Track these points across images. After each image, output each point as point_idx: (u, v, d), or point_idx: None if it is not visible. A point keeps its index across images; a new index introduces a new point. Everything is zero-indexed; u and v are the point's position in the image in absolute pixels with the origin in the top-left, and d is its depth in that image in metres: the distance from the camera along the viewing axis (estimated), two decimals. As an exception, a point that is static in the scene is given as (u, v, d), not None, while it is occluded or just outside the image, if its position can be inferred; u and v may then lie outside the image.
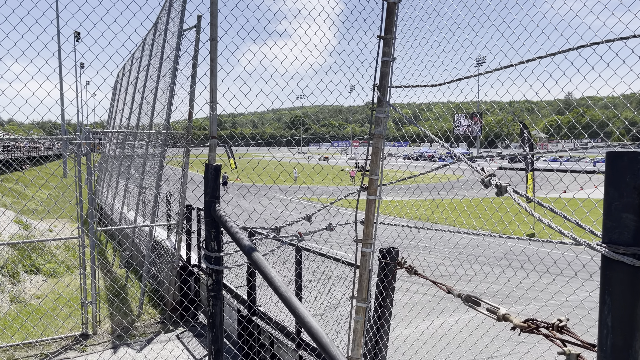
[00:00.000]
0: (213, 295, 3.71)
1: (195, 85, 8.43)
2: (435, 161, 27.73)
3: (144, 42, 15.43)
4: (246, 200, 6.61)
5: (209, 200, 3.66)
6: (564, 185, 3.77)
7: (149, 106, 11.49)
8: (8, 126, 54.88)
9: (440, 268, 4.91)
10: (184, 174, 8.70)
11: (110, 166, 21.14)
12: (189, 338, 8.41)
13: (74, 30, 23.05)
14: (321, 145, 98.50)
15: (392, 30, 3.96)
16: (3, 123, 61.72)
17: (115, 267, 12.98)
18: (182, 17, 8.61)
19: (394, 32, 3.97)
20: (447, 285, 3.20)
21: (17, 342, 7.93)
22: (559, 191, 3.63)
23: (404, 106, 4.53)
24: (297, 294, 5.72)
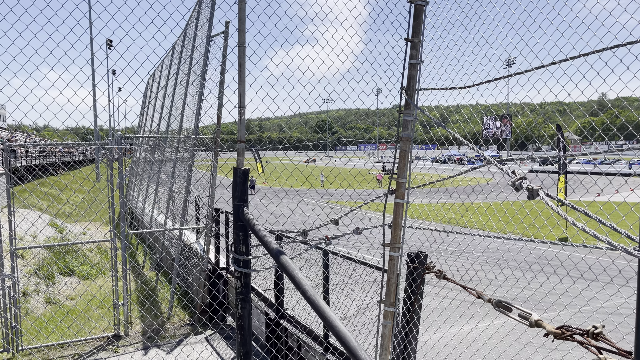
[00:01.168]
0: (241, 298, 3.74)
1: (223, 91, 8.54)
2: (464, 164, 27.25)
3: (174, 48, 15.72)
4: (274, 204, 6.65)
5: (237, 204, 3.70)
6: (599, 188, 3.67)
7: (179, 111, 11.69)
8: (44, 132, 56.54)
9: (470, 273, 4.84)
10: (213, 177, 8.81)
11: (141, 170, 21.57)
12: (217, 340, 8.49)
13: (107, 39, 23.58)
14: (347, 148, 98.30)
15: (420, 32, 3.94)
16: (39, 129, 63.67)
17: (146, 270, 13.23)
18: (210, 24, 8.74)
19: (422, 34, 3.94)
20: (477, 290, 3.15)
21: (51, 342, 8.15)
22: (593, 194, 3.53)
23: (432, 109, 4.49)
24: (324, 298, 5.72)
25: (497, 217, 3.76)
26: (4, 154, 8.14)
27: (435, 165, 4.59)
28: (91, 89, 38.07)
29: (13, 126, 58.97)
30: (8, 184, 7.95)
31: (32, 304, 9.70)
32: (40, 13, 4.72)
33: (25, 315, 9.04)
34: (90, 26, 31.30)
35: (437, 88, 4.28)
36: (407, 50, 3.98)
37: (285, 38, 5.08)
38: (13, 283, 7.86)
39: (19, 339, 7.92)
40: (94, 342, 8.40)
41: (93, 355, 7.91)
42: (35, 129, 57.99)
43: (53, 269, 11.12)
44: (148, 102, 24.95)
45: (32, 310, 9.49)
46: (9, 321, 7.79)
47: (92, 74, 35.36)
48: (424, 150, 25.68)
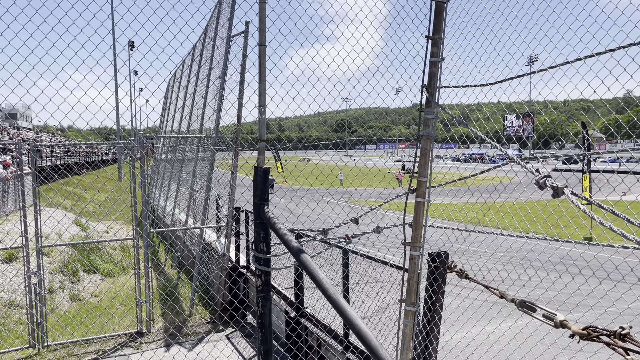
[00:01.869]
0: (262, 296, 3.76)
1: (243, 90, 8.58)
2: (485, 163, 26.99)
3: (195, 48, 15.87)
4: (294, 203, 6.67)
5: (258, 203, 3.72)
6: (625, 186, 3.59)
7: (200, 111, 11.80)
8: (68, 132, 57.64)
9: (492, 272, 4.77)
10: (233, 176, 8.87)
11: (162, 169, 21.84)
12: (238, 338, 8.55)
13: (129, 40, 23.90)
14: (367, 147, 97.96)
15: (441, 30, 3.90)
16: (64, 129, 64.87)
17: (167, 268, 13.40)
18: (230, 24, 8.80)
19: (443, 31, 3.91)
20: (500, 289, 3.11)
21: (76, 338, 8.31)
22: (619, 193, 3.45)
23: (453, 107, 4.45)
24: (344, 297, 5.71)
25: (519, 217, 3.71)
26: (30, 154, 8.32)
27: (456, 164, 4.54)
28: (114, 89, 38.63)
29: (39, 126, 60.29)
30: (34, 183, 8.13)
31: (58, 301, 9.90)
32: (65, 15, 4.81)
33: (51, 311, 9.23)
34: (113, 27, 31.80)
35: (459, 86, 4.24)
36: (427, 47, 3.95)
37: (305, 37, 5.08)
38: (39, 280, 8.03)
39: (45, 335, 8.10)
40: (118, 338, 8.54)
41: (117, 352, 8.04)
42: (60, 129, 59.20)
43: (78, 267, 11.34)
44: (169, 101, 25.25)
45: (57, 307, 9.69)
46: (35, 317, 7.96)
47: (115, 74, 35.79)
48: (444, 149, 25.47)
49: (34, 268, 8.20)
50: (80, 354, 7.97)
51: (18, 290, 9.35)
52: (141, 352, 7.97)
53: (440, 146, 42.15)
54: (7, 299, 9.23)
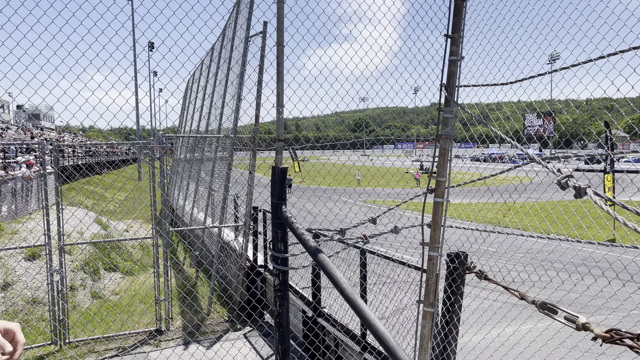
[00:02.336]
0: (280, 295, 3.77)
1: (262, 90, 8.62)
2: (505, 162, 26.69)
3: (213, 49, 15.99)
4: (311, 203, 6.67)
5: (275, 202, 3.72)
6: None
7: (218, 111, 11.88)
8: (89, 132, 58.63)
9: (512, 274, 4.71)
10: (251, 176, 8.91)
11: (181, 169, 22.06)
12: (256, 337, 8.59)
13: (149, 41, 24.24)
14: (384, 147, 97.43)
15: (460, 28, 3.87)
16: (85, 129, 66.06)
17: (186, 266, 13.52)
18: (249, 24, 8.84)
19: (462, 30, 3.87)
20: (520, 291, 3.06)
21: (97, 335, 8.44)
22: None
23: (472, 106, 4.40)
24: (362, 297, 5.70)
25: (540, 217, 3.62)
26: (53, 154, 8.47)
27: (475, 164, 4.49)
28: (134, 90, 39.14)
29: (61, 127, 61.41)
30: (57, 182, 8.27)
31: (79, 298, 10.07)
32: (87, 17, 4.88)
33: (73, 309, 9.39)
34: (133, 29, 32.22)
35: (478, 85, 4.19)
36: (446, 46, 3.92)
37: (323, 37, 5.08)
38: (61, 277, 8.18)
39: (67, 332, 8.24)
40: (137, 336, 8.65)
41: (137, 349, 8.15)
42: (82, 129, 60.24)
43: (99, 265, 11.51)
44: (188, 102, 25.48)
45: (78, 304, 9.85)
46: (57, 314, 8.11)
47: (135, 75, 36.24)
48: (464, 148, 25.22)
49: (57, 266, 8.35)
50: (101, 350, 8.09)
51: (41, 288, 9.53)
52: (160, 350, 8.05)
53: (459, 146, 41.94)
54: (30, 296, 9.41)
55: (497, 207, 3.88)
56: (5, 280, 9.45)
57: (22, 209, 15.02)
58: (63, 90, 4.57)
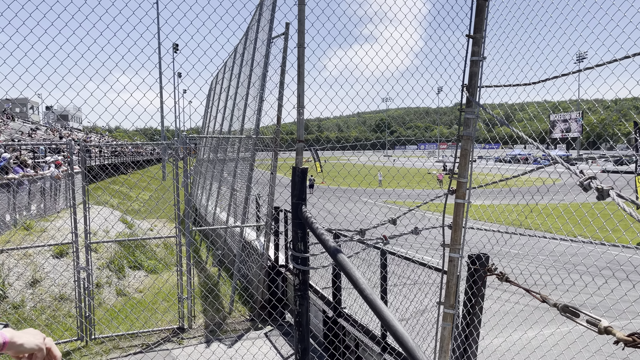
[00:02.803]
0: (300, 294, 3.80)
1: (283, 91, 8.67)
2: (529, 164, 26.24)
3: (236, 50, 16.15)
4: (331, 203, 6.69)
5: (296, 202, 3.76)
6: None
7: (240, 112, 12.00)
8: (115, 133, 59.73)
9: (534, 276, 4.65)
10: (272, 176, 8.98)
11: (204, 169, 22.32)
12: (276, 336, 8.65)
13: (173, 43, 24.56)
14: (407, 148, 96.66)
15: (482, 28, 3.84)
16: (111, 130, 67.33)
17: (208, 265, 13.68)
18: (271, 26, 8.91)
19: (484, 30, 3.85)
20: (542, 294, 3.03)
21: (122, 332, 8.61)
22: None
23: (495, 106, 4.36)
24: (382, 298, 5.70)
25: (563, 219, 3.58)
26: (80, 154, 8.68)
27: (497, 165, 4.45)
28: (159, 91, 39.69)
29: (88, 127, 62.73)
30: (84, 182, 8.47)
31: (104, 295, 10.28)
32: (113, 20, 5.01)
33: (98, 305, 9.60)
34: (159, 32, 32.71)
35: (500, 85, 4.16)
36: (468, 47, 3.90)
37: (344, 38, 5.11)
38: (87, 275, 8.37)
39: (92, 328, 8.42)
40: (160, 333, 8.79)
41: (160, 346, 8.28)
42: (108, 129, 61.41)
43: (123, 263, 11.73)
44: (211, 103, 25.77)
45: (104, 301, 10.06)
46: (84, 311, 8.30)
47: (160, 77, 36.69)
48: (486, 149, 24.91)
49: (83, 263, 8.55)
50: (125, 347, 8.25)
51: (68, 285, 9.76)
52: (183, 347, 8.18)
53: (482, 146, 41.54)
54: (58, 292, 9.65)
55: (520, 208, 3.83)
56: (34, 277, 9.71)
57: (50, 208, 15.41)
58: (90, 92, 4.69)
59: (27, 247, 8.99)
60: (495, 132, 4.56)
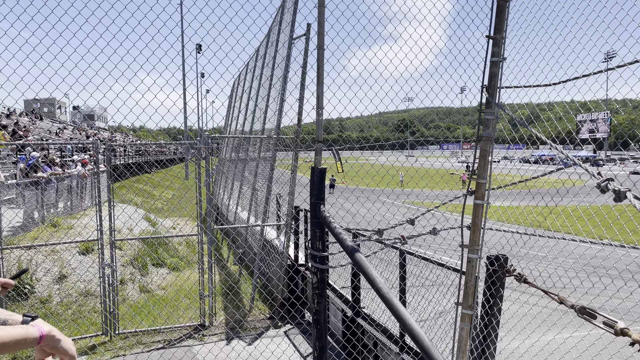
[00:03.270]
0: (318, 293, 3.85)
1: (304, 92, 8.74)
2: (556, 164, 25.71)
3: (257, 52, 16.29)
4: (349, 203, 6.71)
5: (314, 202, 3.81)
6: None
7: (261, 112, 12.11)
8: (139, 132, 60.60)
9: (553, 278, 4.60)
10: (293, 176, 9.05)
11: (226, 169, 22.55)
12: (295, 334, 8.73)
13: (196, 44, 24.89)
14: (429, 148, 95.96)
15: (502, 29, 3.84)
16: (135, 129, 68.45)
17: (229, 263, 13.85)
18: (292, 27, 8.99)
19: (504, 31, 3.84)
20: (560, 295, 3.02)
21: (145, 327, 8.79)
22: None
23: (523, 106, 4.34)
24: (400, 298, 5.71)
25: (583, 221, 3.53)
26: (106, 153, 8.89)
27: (519, 166, 4.43)
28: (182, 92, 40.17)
29: (113, 127, 63.89)
30: (109, 180, 8.67)
31: (128, 292, 10.50)
32: (138, 24, 5.13)
33: (122, 301, 9.81)
34: (182, 34, 33.13)
35: (520, 86, 4.14)
36: (488, 47, 3.90)
37: (363, 39, 5.15)
38: (112, 271, 8.57)
39: (117, 323, 8.63)
40: (182, 329, 8.95)
41: (182, 342, 8.44)
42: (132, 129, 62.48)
43: (147, 260, 11.96)
44: (233, 103, 26.02)
45: (128, 297, 10.28)
46: (108, 306, 8.50)
47: (183, 78, 37.19)
48: (513, 150, 24.60)
49: (108, 260, 8.76)
50: (148, 342, 8.43)
51: (93, 281, 10.00)
52: (204, 344, 8.31)
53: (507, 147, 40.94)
54: (83, 288, 9.89)
55: (539, 210, 3.78)
56: (61, 272, 9.97)
57: (77, 206, 15.77)
58: (116, 94, 4.83)
59: (54, 243, 9.24)
60: (521, 132, 4.53)
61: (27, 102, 50.50)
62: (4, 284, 1.95)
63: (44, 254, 10.24)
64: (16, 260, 9.59)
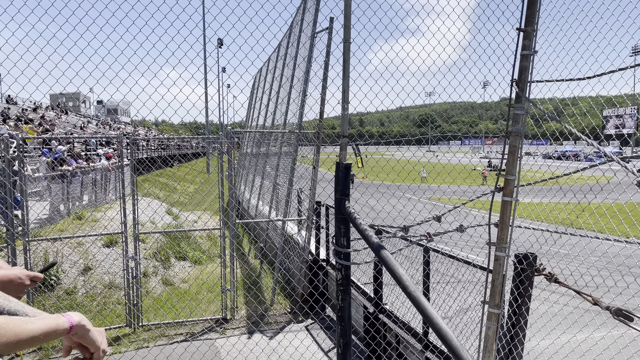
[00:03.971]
0: (342, 289, 3.81)
1: (326, 86, 8.69)
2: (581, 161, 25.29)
3: (280, 46, 16.27)
4: (374, 199, 6.66)
5: (339, 198, 3.76)
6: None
7: (284, 106, 12.10)
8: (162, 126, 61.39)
9: (585, 277, 4.48)
10: (315, 171, 9.02)
11: (248, 163, 22.66)
12: (317, 330, 8.72)
13: (218, 38, 25.01)
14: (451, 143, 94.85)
15: (534, 21, 3.73)
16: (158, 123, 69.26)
17: (251, 258, 13.91)
18: (315, 20, 8.93)
19: (536, 23, 3.73)
20: (594, 296, 2.93)
21: (168, 320, 8.89)
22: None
23: (545, 101, 4.22)
24: (425, 295, 5.64)
25: (618, 219, 3.41)
26: (130, 147, 8.98)
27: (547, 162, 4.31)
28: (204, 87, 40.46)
29: (136, 121, 64.81)
30: (133, 174, 8.77)
31: (152, 285, 10.63)
32: (164, 17, 5.15)
33: (146, 294, 9.94)
34: (204, 31, 33.38)
35: (552, 80, 4.02)
36: (518, 40, 3.79)
37: (390, 32, 5.07)
38: (136, 264, 8.68)
39: (140, 315, 8.74)
40: (205, 323, 9.03)
41: (204, 335, 8.51)
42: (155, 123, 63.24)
43: (170, 254, 12.08)
44: (255, 97, 26.09)
45: (151, 290, 10.40)
46: (132, 299, 8.62)
47: (205, 74, 37.42)
48: (535, 145, 24.17)
49: (132, 253, 8.86)
50: (171, 335, 8.52)
51: (117, 273, 10.15)
52: (226, 337, 8.36)
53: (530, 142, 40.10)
54: (108, 280, 10.05)
55: (571, 207, 3.67)
56: (86, 264, 10.14)
57: (101, 199, 16.03)
58: (142, 88, 4.85)
59: (80, 236, 9.40)
60: (544, 128, 4.42)
61: (53, 96, 51.56)
62: (33, 278, 1.95)
63: (70, 246, 10.42)
64: (43, 252, 9.78)
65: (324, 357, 7.69)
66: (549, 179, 3.73)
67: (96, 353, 1.58)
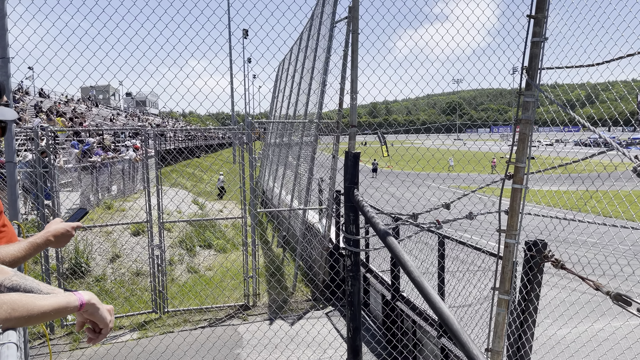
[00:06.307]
0: (351, 275, 3.92)
1: (345, 75, 8.74)
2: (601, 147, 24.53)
3: (301, 37, 16.33)
4: (394, 187, 6.68)
5: (348, 186, 3.86)
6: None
7: (305, 96, 12.20)
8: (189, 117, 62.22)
9: (593, 264, 4.46)
10: (334, 160, 9.11)
11: (271, 153, 22.88)
12: (337, 317, 8.86)
13: (243, 29, 25.21)
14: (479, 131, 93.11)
15: (544, 8, 3.72)
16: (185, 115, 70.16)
17: (273, 246, 14.14)
18: (334, 10, 8.96)
19: (547, 9, 3.73)
20: (596, 282, 2.96)
21: (192, 307, 9.17)
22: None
23: (554, 87, 4.20)
24: (439, 288, 5.69)
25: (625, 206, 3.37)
26: (156, 138, 9.23)
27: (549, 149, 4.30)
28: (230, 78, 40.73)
29: (164, 112, 65.89)
30: (159, 165, 9.03)
31: (177, 273, 10.94)
32: (189, 13, 5.32)
33: (171, 281, 10.25)
34: (229, 23, 33.57)
35: (562, 67, 4.00)
36: (529, 27, 3.80)
37: (414, 15, 5.09)
38: (161, 252, 8.96)
39: (166, 302, 9.04)
40: (228, 309, 9.28)
41: (227, 322, 8.75)
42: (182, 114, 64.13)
43: (194, 242, 12.39)
44: (278, 89, 26.24)
45: (177, 277, 10.72)
46: (158, 285, 8.92)
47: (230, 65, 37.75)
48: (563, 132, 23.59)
49: (157, 242, 9.15)
50: (195, 321, 8.80)
51: (145, 261, 10.49)
52: (249, 324, 8.59)
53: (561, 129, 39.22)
54: (135, 268, 10.39)
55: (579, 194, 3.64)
56: (114, 252, 10.51)
57: (129, 189, 16.48)
58: (168, 81, 5.03)
59: (108, 224, 9.73)
60: (553, 115, 4.40)
61: (84, 90, 52.93)
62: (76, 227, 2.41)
63: (99, 235, 10.80)
64: (74, 241, 10.18)
65: (344, 343, 7.83)
66: (558, 167, 3.73)
67: (104, 329, 1.73)
